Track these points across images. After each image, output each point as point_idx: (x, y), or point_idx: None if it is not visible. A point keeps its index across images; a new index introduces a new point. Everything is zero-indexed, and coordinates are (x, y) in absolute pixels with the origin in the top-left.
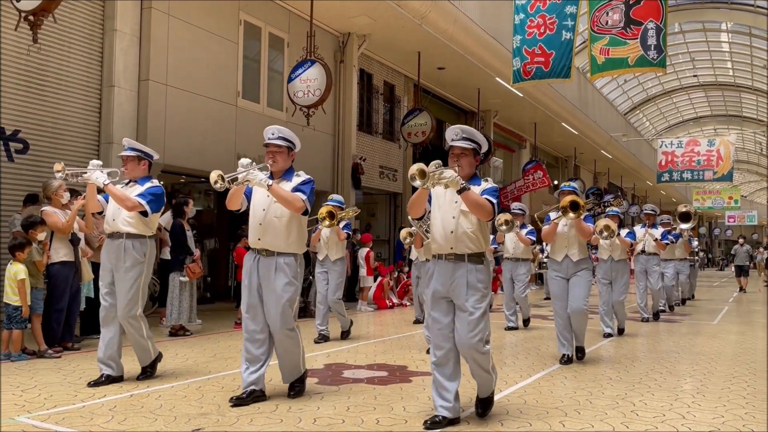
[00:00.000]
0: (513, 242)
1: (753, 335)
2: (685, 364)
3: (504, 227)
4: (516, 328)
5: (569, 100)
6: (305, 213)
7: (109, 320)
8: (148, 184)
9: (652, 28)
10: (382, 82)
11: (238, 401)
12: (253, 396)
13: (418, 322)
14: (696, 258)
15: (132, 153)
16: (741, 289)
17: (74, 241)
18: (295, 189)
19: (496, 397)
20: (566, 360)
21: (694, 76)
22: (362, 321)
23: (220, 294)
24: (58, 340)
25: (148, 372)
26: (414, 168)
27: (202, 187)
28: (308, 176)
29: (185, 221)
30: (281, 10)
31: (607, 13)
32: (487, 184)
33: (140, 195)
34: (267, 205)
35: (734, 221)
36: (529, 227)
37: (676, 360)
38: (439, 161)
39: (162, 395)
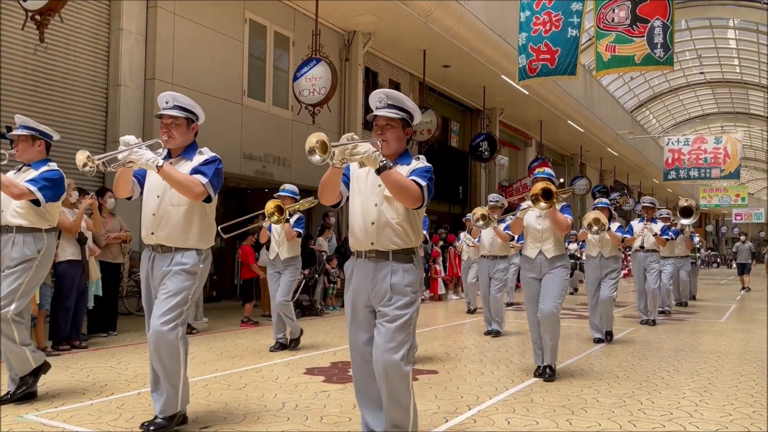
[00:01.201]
0: (490, 238)
1: (760, 334)
2: (693, 363)
3: (480, 222)
4: (499, 333)
5: (575, 97)
6: (207, 200)
7: None
8: (43, 168)
9: (658, 26)
10: (388, 80)
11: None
12: (173, 424)
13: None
14: (697, 255)
15: (24, 132)
16: (744, 287)
17: (81, 240)
18: (195, 171)
19: (501, 396)
20: (542, 372)
21: (701, 73)
22: None
23: (226, 292)
24: (66, 338)
25: (28, 383)
26: (312, 138)
27: None
28: (214, 154)
29: None
30: (286, 9)
31: (614, 10)
32: (419, 163)
33: (31, 181)
34: (162, 191)
35: (741, 219)
36: (509, 221)
37: (684, 358)
38: (352, 134)
39: None
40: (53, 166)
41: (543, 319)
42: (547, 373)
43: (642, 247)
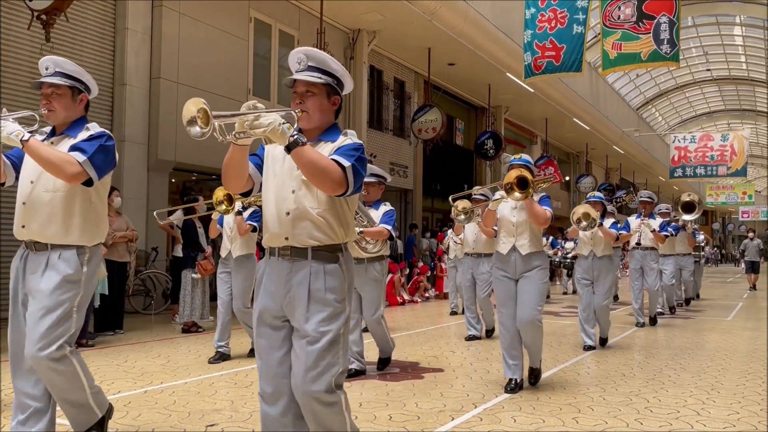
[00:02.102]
0: (474, 234)
1: None
2: (699, 361)
3: (462, 217)
4: (478, 338)
5: (580, 95)
6: (88, 183)
7: None
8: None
9: (664, 22)
10: (393, 78)
11: None
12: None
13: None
14: (702, 254)
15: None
16: (752, 287)
17: None
18: (73, 147)
19: (508, 394)
20: (513, 387)
21: (707, 70)
22: None
23: None
24: None
25: None
26: (191, 106)
27: (213, 184)
28: (102, 130)
29: (196, 218)
30: (291, 7)
31: (619, 8)
32: (346, 139)
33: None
34: (37, 175)
35: (748, 217)
36: None
37: (690, 356)
38: (255, 101)
39: (175, 391)
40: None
41: (523, 327)
42: (531, 380)
43: (638, 244)
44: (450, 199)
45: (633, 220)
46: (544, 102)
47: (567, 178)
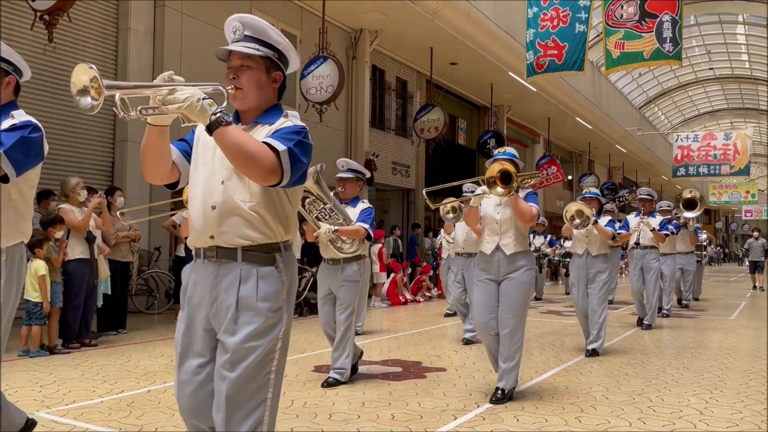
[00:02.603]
0: (464, 233)
1: None
2: (702, 360)
3: (451, 215)
4: (473, 342)
5: (583, 94)
6: (4, 180)
7: None
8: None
9: (667, 21)
10: (395, 77)
11: None
12: None
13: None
14: (703, 253)
15: None
16: (755, 286)
17: (90, 238)
18: None
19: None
20: (500, 397)
21: (710, 68)
22: (376, 317)
23: None
24: (75, 336)
25: None
26: (82, 75)
27: None
28: (28, 119)
29: None
30: (293, 7)
31: (622, 7)
32: (287, 121)
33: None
34: None
35: (751, 216)
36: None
37: (693, 355)
38: (171, 72)
39: None
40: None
41: (503, 337)
42: (497, 397)
43: (638, 243)
44: (423, 193)
45: (632, 219)
46: (547, 101)
47: (569, 177)
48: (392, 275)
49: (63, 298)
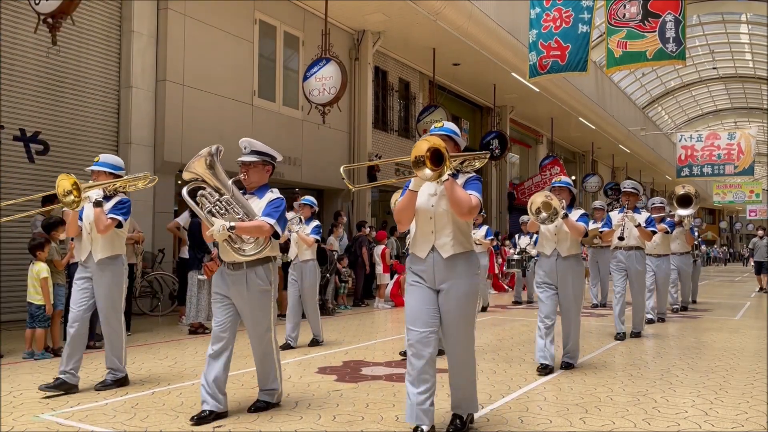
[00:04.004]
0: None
1: None
2: (707, 360)
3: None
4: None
5: (586, 94)
6: None
7: None
8: None
9: (670, 20)
10: (397, 78)
11: None
12: None
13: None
14: (697, 252)
15: None
16: (761, 288)
17: None
18: None
19: (514, 394)
20: (459, 427)
21: (714, 68)
22: (379, 318)
23: None
24: None
25: None
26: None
27: None
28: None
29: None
30: (296, 9)
31: (624, 6)
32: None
33: None
34: None
35: (756, 215)
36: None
37: (698, 356)
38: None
39: (183, 393)
40: None
41: (450, 364)
42: (455, 426)
43: (621, 238)
44: (342, 170)
45: (615, 215)
46: (550, 101)
47: (573, 178)
48: (395, 276)
49: (68, 299)
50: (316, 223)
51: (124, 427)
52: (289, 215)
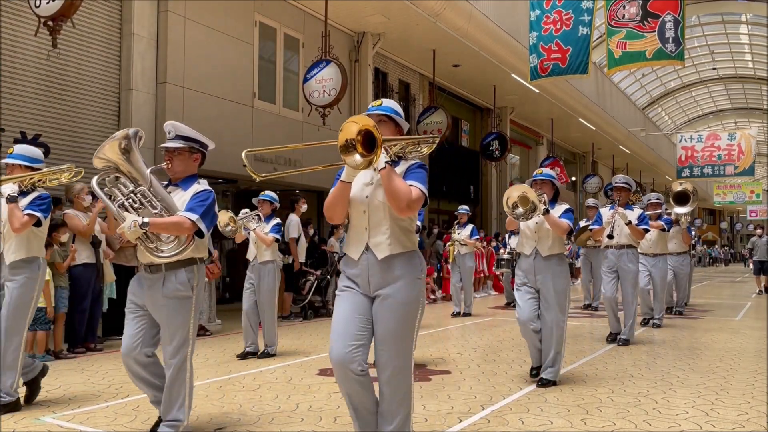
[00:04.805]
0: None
1: None
2: (708, 361)
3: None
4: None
5: (586, 95)
6: None
7: None
8: None
9: (669, 21)
10: (397, 80)
11: None
12: None
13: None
14: (693, 252)
15: None
16: (761, 289)
17: (95, 243)
18: None
19: (515, 395)
20: None
21: (714, 68)
22: None
23: (238, 294)
24: (81, 341)
25: None
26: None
27: (219, 188)
28: None
29: None
30: (296, 11)
31: (624, 7)
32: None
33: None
34: None
35: (756, 215)
36: None
37: (699, 357)
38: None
39: None
40: None
41: (381, 384)
42: None
43: (611, 237)
44: (243, 156)
45: (605, 211)
46: (550, 102)
47: (573, 179)
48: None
49: (69, 302)
50: (276, 221)
51: (125, 429)
52: (246, 212)
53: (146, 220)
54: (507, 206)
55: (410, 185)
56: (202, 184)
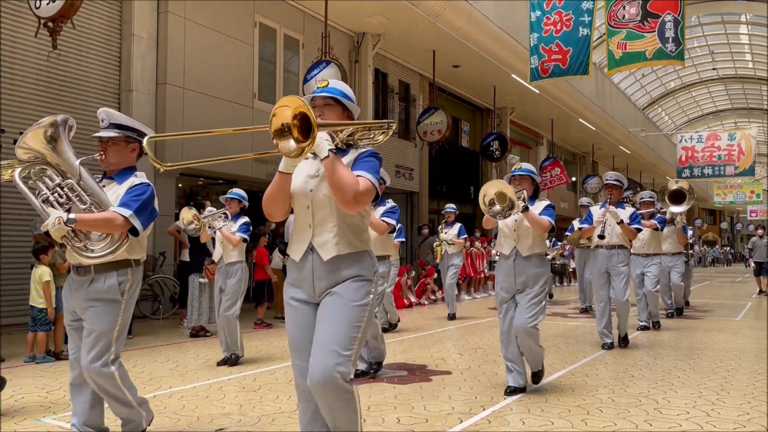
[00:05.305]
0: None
1: None
2: (709, 361)
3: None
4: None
5: (586, 95)
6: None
7: None
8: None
9: (669, 21)
10: (397, 81)
11: None
12: None
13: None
14: (690, 252)
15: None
16: (761, 291)
17: None
18: None
19: (517, 396)
20: None
21: (714, 69)
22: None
23: None
24: None
25: None
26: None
27: (220, 188)
28: None
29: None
30: (296, 12)
31: (624, 7)
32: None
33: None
34: None
35: (756, 215)
36: (390, 203)
37: (699, 357)
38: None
39: (184, 396)
40: None
41: (318, 390)
42: None
43: (602, 236)
44: (145, 143)
45: (596, 210)
46: (550, 103)
47: (573, 179)
48: (397, 278)
49: None
50: (244, 219)
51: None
52: (211, 209)
53: (72, 216)
54: (483, 204)
55: (358, 175)
56: (139, 177)
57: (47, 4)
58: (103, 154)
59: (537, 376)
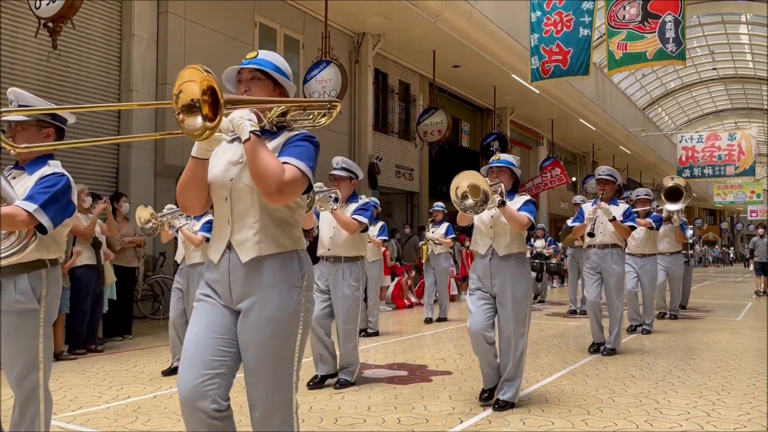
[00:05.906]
0: (331, 229)
1: None
2: (709, 361)
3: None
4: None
5: (587, 95)
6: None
7: None
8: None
9: (670, 21)
10: (398, 81)
11: None
12: None
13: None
14: (690, 252)
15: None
16: (757, 292)
17: (96, 244)
18: None
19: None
20: None
21: (714, 69)
22: (381, 320)
23: None
24: (82, 342)
25: None
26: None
27: None
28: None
29: None
30: (296, 12)
31: (624, 8)
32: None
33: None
34: None
35: (757, 215)
36: (364, 200)
37: (700, 357)
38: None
39: None
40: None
41: (253, 417)
42: None
43: (591, 234)
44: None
45: (587, 207)
46: (550, 103)
47: (574, 179)
48: (396, 279)
49: (70, 304)
50: (208, 218)
51: (125, 430)
52: (171, 207)
53: None
54: (455, 197)
55: (284, 162)
56: (52, 167)
57: (47, 4)
58: (12, 140)
59: (505, 404)
